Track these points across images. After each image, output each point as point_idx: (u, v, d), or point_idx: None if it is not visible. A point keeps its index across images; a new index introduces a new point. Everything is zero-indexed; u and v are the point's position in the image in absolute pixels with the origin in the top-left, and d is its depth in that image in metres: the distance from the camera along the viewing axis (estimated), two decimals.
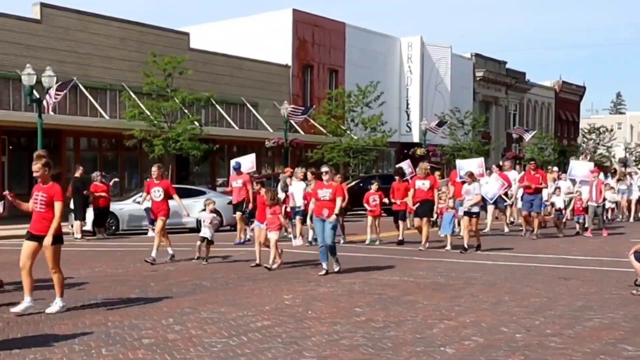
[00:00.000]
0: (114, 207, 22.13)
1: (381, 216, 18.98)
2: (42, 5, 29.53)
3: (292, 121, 33.72)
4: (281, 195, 17.33)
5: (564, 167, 48.35)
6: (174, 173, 32.59)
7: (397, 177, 19.20)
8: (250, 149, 38.06)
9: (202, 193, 23.45)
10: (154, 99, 29.64)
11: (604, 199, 21.29)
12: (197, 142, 29.00)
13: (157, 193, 15.18)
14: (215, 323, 8.80)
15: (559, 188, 21.68)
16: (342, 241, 18.04)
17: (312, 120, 38.60)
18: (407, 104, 49.03)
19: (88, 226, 21.43)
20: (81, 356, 7.25)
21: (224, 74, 36.69)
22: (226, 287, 11.62)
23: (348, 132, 37.21)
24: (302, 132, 38.08)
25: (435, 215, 19.28)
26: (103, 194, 21.39)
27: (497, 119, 58.43)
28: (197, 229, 18.83)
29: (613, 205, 26.25)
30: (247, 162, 21.45)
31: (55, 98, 24.08)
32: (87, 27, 30.94)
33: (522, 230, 20.50)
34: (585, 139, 66.85)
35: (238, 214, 18.78)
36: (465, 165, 20.54)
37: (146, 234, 21.08)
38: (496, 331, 8.36)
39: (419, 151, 41.80)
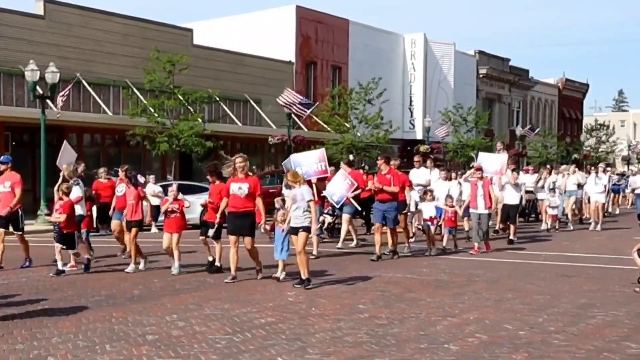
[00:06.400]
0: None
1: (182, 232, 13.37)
2: (46, 1, 29.50)
3: (293, 115, 33.45)
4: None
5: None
6: (178, 169, 32.60)
7: (211, 178, 13.39)
8: (254, 145, 38.25)
9: (205, 189, 23.42)
10: (156, 95, 29.66)
11: (492, 205, 16.42)
12: (200, 139, 28.99)
13: None
14: (219, 319, 8.82)
15: (431, 191, 16.83)
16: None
17: (315, 117, 38.58)
18: (411, 101, 48.98)
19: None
20: (85, 352, 7.27)
21: (227, 70, 36.64)
22: (230, 283, 11.61)
23: (351, 129, 37.18)
24: (305, 129, 38.07)
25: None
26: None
27: (500, 117, 58.36)
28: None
29: (555, 212, 21.61)
30: (66, 154, 16.42)
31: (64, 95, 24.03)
32: (90, 23, 30.91)
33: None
34: (588, 137, 66.72)
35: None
36: (304, 161, 15.26)
37: (149, 230, 21.08)
38: (499, 328, 8.37)
39: (422, 148, 41.72)
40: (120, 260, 14.53)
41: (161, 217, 14.11)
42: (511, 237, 17.91)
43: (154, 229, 21.21)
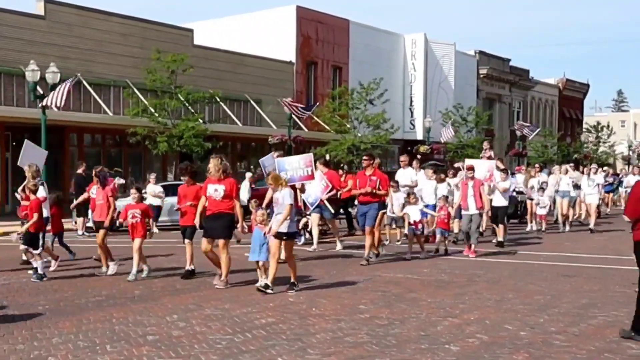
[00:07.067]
0: (117, 203, 22.07)
1: (145, 237, 12.64)
2: (46, 1, 29.50)
3: (294, 116, 33.51)
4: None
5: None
6: (178, 170, 32.59)
7: (185, 177, 12.73)
8: (254, 145, 38.25)
9: None
10: (158, 95, 29.67)
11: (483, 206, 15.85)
12: (201, 139, 29.00)
13: None
14: (220, 320, 8.82)
15: (413, 194, 16.28)
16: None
17: (315, 117, 38.58)
18: (411, 101, 48.95)
19: (91, 222, 21.41)
20: (86, 352, 7.27)
21: (227, 71, 36.63)
22: (230, 283, 11.59)
23: (352, 129, 37.17)
24: (306, 129, 38.06)
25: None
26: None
27: (500, 117, 58.35)
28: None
29: (543, 212, 21.27)
30: (30, 153, 15.94)
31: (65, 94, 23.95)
32: (90, 23, 30.90)
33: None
34: (588, 136, 66.68)
35: None
36: (289, 165, 14.32)
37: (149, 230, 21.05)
38: (500, 329, 8.37)
39: (422, 148, 41.71)
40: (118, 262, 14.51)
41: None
42: (499, 238, 17.21)
43: (154, 229, 21.17)
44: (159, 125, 28.75)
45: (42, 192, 12.98)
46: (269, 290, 10.56)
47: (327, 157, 22.52)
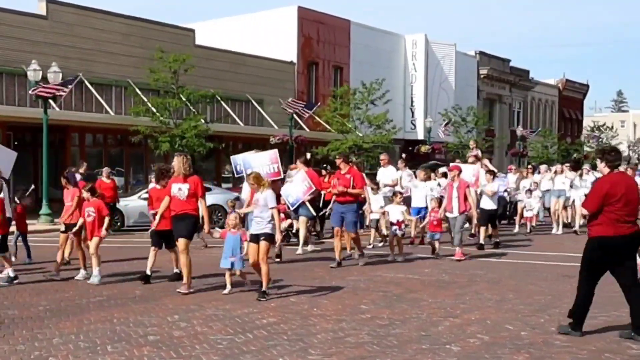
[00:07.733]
0: (120, 203, 22.15)
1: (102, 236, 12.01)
2: (48, 1, 29.52)
3: (293, 114, 33.50)
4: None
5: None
6: None
7: (165, 181, 12.05)
8: (255, 145, 38.24)
9: (208, 189, 23.41)
10: (160, 95, 29.67)
11: (470, 207, 15.25)
12: (203, 139, 29.02)
13: None
14: (221, 320, 8.83)
15: (400, 193, 15.89)
16: None
17: (317, 117, 38.58)
18: (412, 102, 48.99)
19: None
20: (86, 353, 7.28)
21: (229, 71, 36.65)
22: (230, 284, 11.59)
23: (354, 129, 37.18)
24: (307, 129, 38.07)
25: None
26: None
27: (501, 117, 58.37)
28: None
29: (531, 214, 20.90)
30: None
31: (59, 92, 23.94)
32: (92, 23, 30.91)
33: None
34: (588, 135, 66.66)
35: None
36: (255, 162, 14.01)
37: (147, 230, 21.08)
38: (501, 329, 8.38)
39: (423, 148, 41.73)
40: (120, 262, 14.53)
41: None
42: (495, 239, 17.08)
43: (153, 227, 21.19)
44: (160, 125, 28.76)
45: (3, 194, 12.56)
46: (264, 298, 10.21)
47: (308, 155, 22.05)
